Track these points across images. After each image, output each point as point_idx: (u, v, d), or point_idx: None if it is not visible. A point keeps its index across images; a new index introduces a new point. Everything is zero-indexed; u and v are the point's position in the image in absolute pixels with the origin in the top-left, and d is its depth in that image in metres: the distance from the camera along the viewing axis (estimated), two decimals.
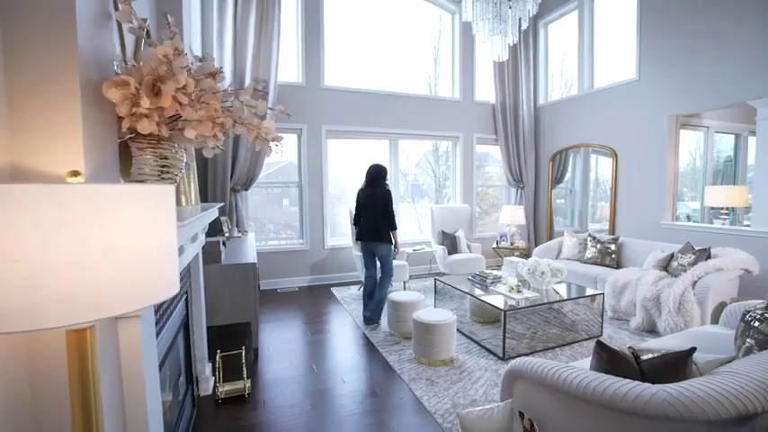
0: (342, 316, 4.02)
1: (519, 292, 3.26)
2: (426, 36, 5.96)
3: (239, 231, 4.58)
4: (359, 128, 5.39)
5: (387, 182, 3.69)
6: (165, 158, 1.27)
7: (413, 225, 6.18)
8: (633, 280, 3.65)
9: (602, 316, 3.37)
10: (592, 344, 3.20)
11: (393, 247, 3.69)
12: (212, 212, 2.15)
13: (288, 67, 5.10)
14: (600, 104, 5.25)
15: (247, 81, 4.61)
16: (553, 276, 3.38)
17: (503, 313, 2.89)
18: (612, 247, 4.45)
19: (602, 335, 3.35)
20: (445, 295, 3.86)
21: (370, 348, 3.21)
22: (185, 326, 2.23)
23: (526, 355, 2.99)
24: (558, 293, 3.39)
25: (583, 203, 5.95)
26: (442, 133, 5.92)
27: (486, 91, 6.21)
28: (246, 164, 4.74)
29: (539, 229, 6.44)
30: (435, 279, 3.95)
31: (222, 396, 2.40)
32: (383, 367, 2.87)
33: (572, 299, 3.29)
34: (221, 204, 2.63)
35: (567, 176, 6.17)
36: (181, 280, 2.07)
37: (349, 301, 4.47)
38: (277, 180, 5.34)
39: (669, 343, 2.20)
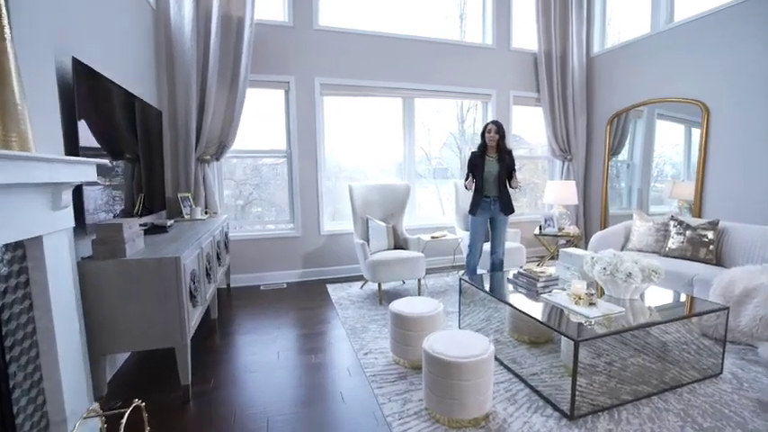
0: (333, 327, 2.98)
1: (591, 304, 2.11)
2: None
3: (206, 212, 3.58)
4: (363, 81, 4.23)
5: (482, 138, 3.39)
6: None
7: (434, 206, 5.03)
8: (761, 285, 2.42)
9: (723, 342, 2.18)
10: (711, 389, 2.02)
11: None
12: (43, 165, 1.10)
13: (270, 1, 3.98)
14: (683, 44, 3.89)
15: (214, 17, 3.53)
16: (644, 281, 2.20)
17: (574, 344, 1.76)
18: (710, 234, 3.19)
19: (721, 372, 2.17)
20: (473, 297, 2.75)
21: (360, 385, 2.15)
22: None
23: (608, 409, 1.86)
24: (650, 308, 2.22)
25: (643, 182, 4.64)
26: (469, 90, 4.67)
27: (527, 36, 4.90)
28: (218, 124, 3.70)
29: (590, 212, 5.17)
30: (461, 279, 2.84)
31: None
32: (374, 426, 1.81)
33: (683, 317, 2.10)
34: (103, 162, 1.58)
35: (626, 147, 4.85)
36: None
37: (346, 304, 3.41)
38: (257, 149, 4.20)
39: None
